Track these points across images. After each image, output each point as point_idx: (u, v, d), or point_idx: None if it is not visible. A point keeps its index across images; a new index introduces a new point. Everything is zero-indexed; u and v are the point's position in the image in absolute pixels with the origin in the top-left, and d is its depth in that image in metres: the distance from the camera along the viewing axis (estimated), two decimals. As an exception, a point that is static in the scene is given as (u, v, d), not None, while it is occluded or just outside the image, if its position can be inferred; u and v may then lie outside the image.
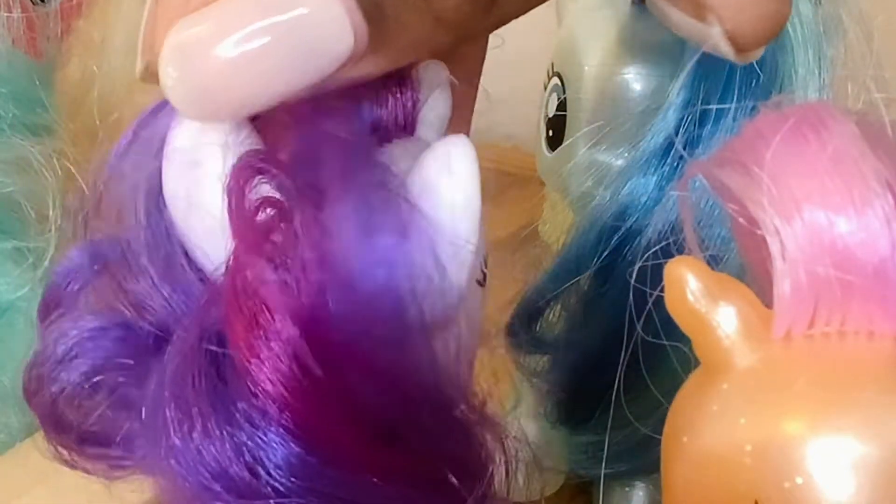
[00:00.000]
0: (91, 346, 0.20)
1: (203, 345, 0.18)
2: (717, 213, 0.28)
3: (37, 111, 0.33)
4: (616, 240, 0.30)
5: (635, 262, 0.24)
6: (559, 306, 0.33)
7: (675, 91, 0.29)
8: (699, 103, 0.29)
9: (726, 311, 0.18)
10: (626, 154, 0.31)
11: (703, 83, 0.29)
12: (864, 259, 0.17)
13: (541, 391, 0.34)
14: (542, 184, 0.37)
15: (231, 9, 0.18)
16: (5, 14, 0.31)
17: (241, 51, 0.17)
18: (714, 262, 0.22)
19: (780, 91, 0.29)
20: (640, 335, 0.24)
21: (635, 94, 0.31)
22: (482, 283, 0.21)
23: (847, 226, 0.17)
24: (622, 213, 0.30)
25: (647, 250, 0.27)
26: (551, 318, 0.33)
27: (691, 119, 0.29)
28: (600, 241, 0.30)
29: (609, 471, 0.32)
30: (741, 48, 0.22)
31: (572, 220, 0.33)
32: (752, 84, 0.29)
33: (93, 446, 0.21)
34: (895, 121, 0.19)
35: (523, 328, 0.33)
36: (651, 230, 0.29)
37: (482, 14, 0.20)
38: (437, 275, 0.18)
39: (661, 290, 0.19)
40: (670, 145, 0.29)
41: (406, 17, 0.19)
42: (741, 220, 0.19)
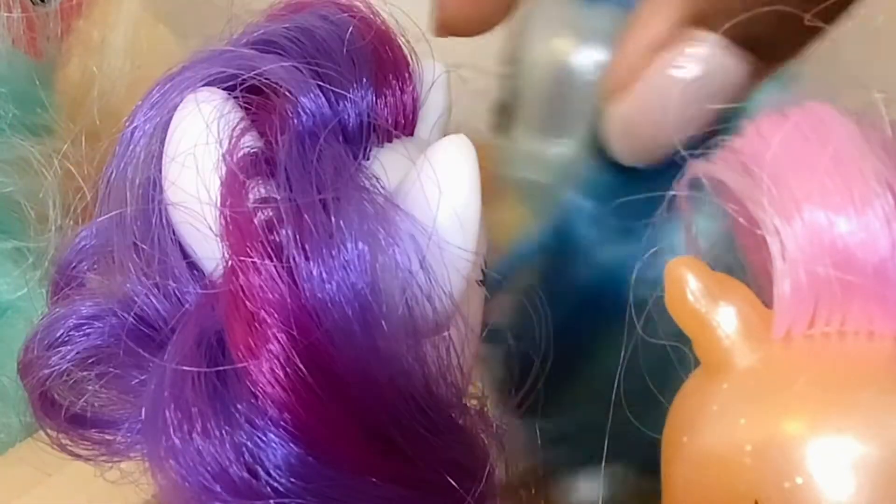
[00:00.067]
0: (82, 334, 0.20)
1: (203, 345, 0.18)
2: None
3: (37, 111, 0.33)
4: (564, 231, 0.30)
5: (580, 255, 0.26)
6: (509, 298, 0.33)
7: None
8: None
9: (726, 311, 0.18)
10: (572, 142, 0.31)
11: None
12: (864, 259, 0.17)
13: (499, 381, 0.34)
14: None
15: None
16: (5, 14, 0.31)
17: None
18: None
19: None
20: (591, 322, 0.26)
21: (583, 81, 0.31)
22: (482, 282, 0.21)
23: (847, 226, 0.17)
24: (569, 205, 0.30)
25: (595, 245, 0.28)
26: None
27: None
28: (548, 232, 0.30)
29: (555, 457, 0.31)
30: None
31: (521, 212, 0.33)
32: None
33: (83, 428, 0.21)
34: (895, 121, 0.19)
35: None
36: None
37: None
38: (430, 280, 0.18)
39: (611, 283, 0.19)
40: None
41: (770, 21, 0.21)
42: (741, 220, 0.19)
